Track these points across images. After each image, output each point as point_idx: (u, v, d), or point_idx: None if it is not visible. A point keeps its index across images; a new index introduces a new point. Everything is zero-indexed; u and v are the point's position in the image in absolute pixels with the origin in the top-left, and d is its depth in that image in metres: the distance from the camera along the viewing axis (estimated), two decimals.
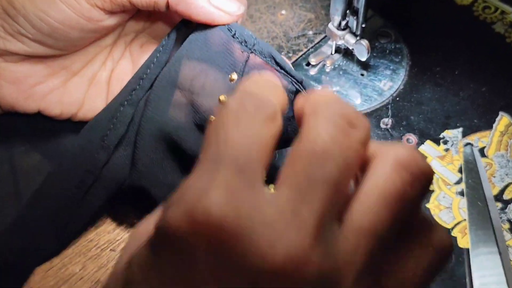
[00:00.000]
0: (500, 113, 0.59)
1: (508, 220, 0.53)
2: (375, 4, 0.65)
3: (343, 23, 0.58)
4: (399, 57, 0.62)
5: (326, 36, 0.63)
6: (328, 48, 0.62)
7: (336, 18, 0.58)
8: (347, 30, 0.59)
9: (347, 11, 0.57)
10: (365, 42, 0.58)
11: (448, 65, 0.62)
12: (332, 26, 0.59)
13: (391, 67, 0.62)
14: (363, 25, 0.59)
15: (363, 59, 0.59)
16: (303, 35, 0.64)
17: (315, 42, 0.64)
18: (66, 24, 0.46)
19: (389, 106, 0.59)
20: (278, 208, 0.26)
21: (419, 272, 0.30)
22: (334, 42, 0.61)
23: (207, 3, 0.46)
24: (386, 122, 0.58)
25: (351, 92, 0.60)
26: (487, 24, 0.65)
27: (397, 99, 0.60)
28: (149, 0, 0.47)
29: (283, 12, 0.66)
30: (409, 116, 0.59)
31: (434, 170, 0.56)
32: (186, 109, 0.47)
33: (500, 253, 0.50)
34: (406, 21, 0.65)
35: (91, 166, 0.48)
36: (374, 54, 0.62)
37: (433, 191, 0.55)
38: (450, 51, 0.63)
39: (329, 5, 0.58)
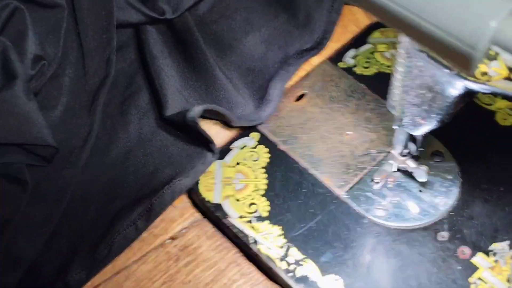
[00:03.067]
0: None
1: None
2: None
3: (405, 151, 0.68)
4: (452, 175, 0.72)
5: (387, 154, 0.73)
6: (390, 166, 0.72)
7: (398, 147, 0.68)
8: (408, 156, 0.69)
9: (407, 142, 0.68)
10: (424, 167, 0.68)
11: (494, 182, 0.72)
12: (395, 152, 0.69)
13: (445, 185, 0.71)
14: (421, 149, 0.69)
15: (423, 180, 0.69)
16: (367, 154, 0.74)
17: (378, 160, 0.74)
18: None
19: (445, 221, 0.69)
20: None
21: None
22: (396, 164, 0.71)
23: None
24: (443, 235, 0.68)
25: (410, 205, 0.70)
26: None
27: (452, 213, 0.70)
28: None
29: (349, 132, 0.76)
30: (462, 230, 0.68)
31: (486, 280, 0.65)
32: None
33: None
34: (457, 142, 0.75)
35: None
36: (431, 173, 0.72)
37: None
38: (496, 169, 0.73)
39: (388, 126, 0.68)
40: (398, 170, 0.72)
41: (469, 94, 0.54)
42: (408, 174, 0.72)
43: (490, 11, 0.35)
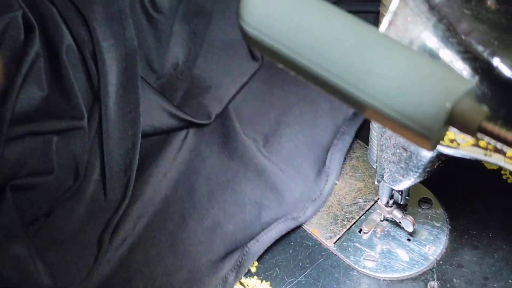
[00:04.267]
0: None
1: None
2: None
3: (390, 202, 0.69)
4: (440, 222, 0.72)
5: (375, 202, 0.74)
6: (378, 216, 0.72)
7: (384, 198, 0.68)
8: (394, 206, 0.69)
9: (393, 191, 0.68)
10: (410, 218, 0.68)
11: (483, 228, 0.71)
12: (380, 203, 0.70)
13: (433, 232, 0.71)
14: (407, 197, 0.69)
15: (410, 230, 0.69)
16: (355, 203, 0.75)
17: (366, 209, 0.74)
18: None
19: (434, 270, 0.69)
20: None
21: None
22: (383, 214, 0.71)
23: None
24: (433, 285, 0.68)
25: (400, 253, 0.70)
26: None
27: (441, 262, 0.69)
28: None
29: (336, 182, 0.76)
30: (452, 279, 0.68)
31: None
32: None
33: None
34: (444, 188, 0.75)
35: None
36: (418, 220, 0.72)
37: None
38: (484, 214, 0.72)
39: (374, 173, 0.69)
40: (386, 219, 0.72)
41: (445, 155, 0.54)
42: (396, 222, 0.72)
43: (445, 92, 0.35)
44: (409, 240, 0.71)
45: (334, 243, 0.72)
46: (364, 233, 0.72)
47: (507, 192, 0.74)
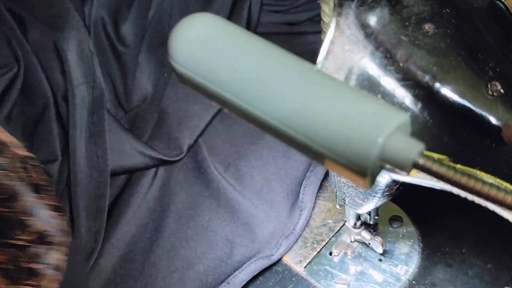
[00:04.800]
0: None
1: None
2: None
3: (358, 223, 0.67)
4: (411, 240, 0.70)
5: (345, 223, 0.72)
6: (348, 237, 0.71)
7: (351, 220, 0.67)
8: (362, 227, 0.68)
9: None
10: (379, 239, 0.67)
11: (455, 245, 0.70)
12: (348, 225, 0.68)
13: (404, 251, 0.70)
14: (376, 217, 0.67)
15: (379, 251, 0.68)
16: (324, 224, 0.73)
17: (335, 230, 0.72)
18: None
19: None
20: None
21: None
22: (352, 236, 0.69)
23: None
24: None
25: (372, 274, 0.69)
26: None
27: (413, 282, 0.68)
28: None
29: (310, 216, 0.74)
30: None
31: None
32: None
33: None
34: (414, 205, 0.73)
35: None
36: (389, 239, 0.70)
37: None
38: (456, 230, 0.71)
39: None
40: (356, 240, 0.71)
41: None
42: (366, 244, 0.70)
43: (377, 127, 0.34)
44: (380, 260, 0.70)
45: (304, 267, 0.70)
46: (335, 255, 0.70)
47: (479, 207, 0.72)
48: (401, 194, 0.73)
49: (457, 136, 0.41)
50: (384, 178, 0.51)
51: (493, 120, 0.40)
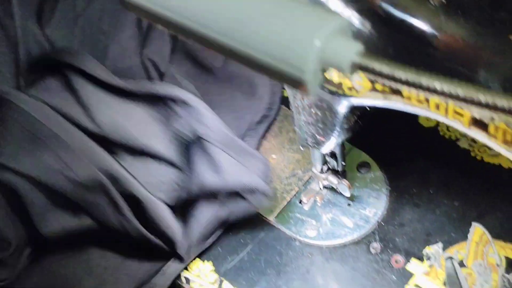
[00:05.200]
0: (473, 223, 0.67)
1: None
2: (351, 138, 0.75)
3: (324, 168, 0.68)
4: (379, 184, 0.71)
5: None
6: (317, 185, 0.72)
7: (317, 165, 0.68)
8: (329, 172, 0.68)
9: (326, 157, 0.67)
10: (346, 182, 0.68)
11: (423, 186, 0.71)
12: (315, 170, 0.69)
13: (373, 195, 0.71)
14: (343, 163, 0.68)
15: (347, 195, 0.69)
16: (294, 175, 0.74)
17: (305, 180, 0.73)
18: None
19: (376, 232, 0.68)
20: None
21: None
22: (320, 182, 0.70)
23: None
24: (375, 247, 0.67)
25: (342, 219, 0.69)
26: (453, 142, 0.74)
27: (382, 224, 0.69)
28: None
29: (274, 156, 0.75)
30: (394, 238, 0.67)
31: (423, 286, 0.64)
32: None
33: None
34: (381, 150, 0.74)
35: None
36: (357, 185, 0.71)
37: None
38: (424, 172, 0.72)
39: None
40: (325, 187, 0.71)
41: (358, 108, 0.53)
42: (335, 190, 0.71)
43: (313, 30, 0.35)
44: (349, 205, 0.70)
45: (275, 217, 0.71)
46: (304, 203, 0.71)
47: (445, 149, 0.74)
48: (368, 141, 0.74)
49: (400, 47, 0.42)
50: (341, 109, 0.52)
51: (433, 28, 0.41)
